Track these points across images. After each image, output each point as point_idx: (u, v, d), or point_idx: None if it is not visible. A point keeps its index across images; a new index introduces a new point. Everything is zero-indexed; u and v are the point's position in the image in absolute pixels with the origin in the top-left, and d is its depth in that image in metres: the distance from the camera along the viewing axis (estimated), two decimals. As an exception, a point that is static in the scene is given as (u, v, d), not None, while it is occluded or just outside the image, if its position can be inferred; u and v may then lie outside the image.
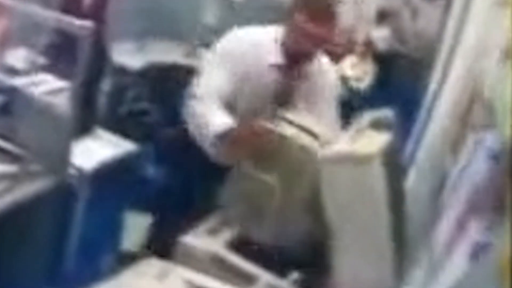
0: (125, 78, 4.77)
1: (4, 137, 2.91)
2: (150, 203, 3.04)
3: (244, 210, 2.50)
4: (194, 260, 2.33)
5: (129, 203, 3.47)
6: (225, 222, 2.52)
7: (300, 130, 2.43)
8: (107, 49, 4.18)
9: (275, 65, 2.72)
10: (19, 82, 3.05)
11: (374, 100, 4.34)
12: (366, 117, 2.30)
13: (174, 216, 2.65)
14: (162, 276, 2.13)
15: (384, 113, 2.32)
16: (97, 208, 3.19)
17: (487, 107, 1.63)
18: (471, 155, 1.63)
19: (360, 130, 2.23)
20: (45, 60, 3.48)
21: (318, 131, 2.42)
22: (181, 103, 2.68)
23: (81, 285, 2.20)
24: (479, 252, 1.22)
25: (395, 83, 5.10)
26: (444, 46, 3.10)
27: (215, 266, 2.34)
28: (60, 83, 3.17)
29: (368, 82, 4.95)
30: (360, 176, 2.03)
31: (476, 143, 1.64)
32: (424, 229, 2.01)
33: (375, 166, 2.01)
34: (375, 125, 2.26)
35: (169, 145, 2.93)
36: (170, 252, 2.39)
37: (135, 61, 4.83)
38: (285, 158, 2.39)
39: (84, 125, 3.35)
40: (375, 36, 5.13)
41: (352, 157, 2.07)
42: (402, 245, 2.12)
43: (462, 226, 1.42)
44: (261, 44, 2.75)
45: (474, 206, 1.42)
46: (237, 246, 2.43)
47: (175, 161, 2.84)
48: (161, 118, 4.68)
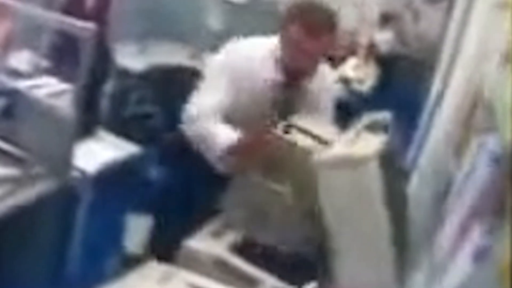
0: (127, 80, 4.77)
1: (7, 139, 2.91)
2: (153, 206, 3.03)
3: (248, 214, 2.49)
4: (197, 263, 2.33)
5: (132, 206, 3.48)
6: (228, 225, 2.52)
7: (307, 136, 2.40)
8: (110, 51, 4.19)
9: (273, 81, 2.63)
10: (22, 85, 3.05)
11: (376, 102, 4.35)
12: (364, 119, 2.29)
13: (177, 219, 2.64)
14: (165, 279, 2.13)
15: (382, 115, 2.31)
16: (100, 211, 3.19)
17: (488, 110, 1.63)
18: (475, 158, 1.63)
19: (358, 133, 2.23)
20: (48, 62, 3.50)
21: (326, 136, 2.40)
22: (185, 106, 2.67)
23: (84, 288, 2.21)
24: (481, 256, 1.23)
25: (397, 85, 5.11)
26: (446, 49, 3.11)
27: (218, 269, 2.34)
28: (63, 86, 3.18)
29: (370, 84, 4.96)
30: (356, 178, 2.02)
31: (479, 146, 1.64)
32: (427, 233, 2.01)
33: (372, 168, 2.00)
34: (373, 127, 2.25)
35: (172, 147, 2.92)
36: (173, 255, 2.38)
37: (138, 63, 4.83)
38: (295, 165, 2.36)
39: (87, 127, 3.35)
40: (378, 39, 5.14)
41: (348, 160, 2.06)
42: (403, 248, 2.11)
43: (465, 230, 1.42)
44: (258, 59, 2.63)
45: (477, 210, 1.42)
46: (240, 249, 2.43)
47: (178, 163, 2.83)
48: (164, 121, 4.67)
